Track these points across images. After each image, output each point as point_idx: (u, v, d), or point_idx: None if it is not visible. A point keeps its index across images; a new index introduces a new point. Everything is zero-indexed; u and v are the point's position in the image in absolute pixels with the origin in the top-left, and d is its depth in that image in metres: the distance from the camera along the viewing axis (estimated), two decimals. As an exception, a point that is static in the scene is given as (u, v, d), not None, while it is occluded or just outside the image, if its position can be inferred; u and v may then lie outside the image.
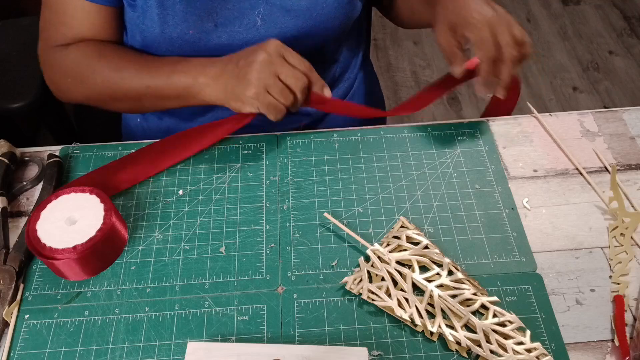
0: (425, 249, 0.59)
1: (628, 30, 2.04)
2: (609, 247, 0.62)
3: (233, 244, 0.62)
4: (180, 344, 0.55)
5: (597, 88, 1.87)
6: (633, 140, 0.71)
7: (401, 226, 0.62)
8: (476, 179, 0.67)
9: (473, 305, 0.55)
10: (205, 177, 0.68)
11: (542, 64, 1.95)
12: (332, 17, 0.70)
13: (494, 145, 0.71)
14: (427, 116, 1.84)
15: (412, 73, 1.99)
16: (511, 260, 0.60)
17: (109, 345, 0.55)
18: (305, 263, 0.60)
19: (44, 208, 0.59)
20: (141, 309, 0.57)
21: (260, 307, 0.57)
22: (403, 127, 0.73)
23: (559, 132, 0.72)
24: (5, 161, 0.66)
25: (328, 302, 0.58)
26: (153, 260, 0.61)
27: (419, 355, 0.54)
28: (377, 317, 0.56)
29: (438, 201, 0.65)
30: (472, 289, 0.56)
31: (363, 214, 0.64)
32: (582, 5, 2.14)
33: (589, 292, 0.58)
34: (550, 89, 1.87)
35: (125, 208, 0.65)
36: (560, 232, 0.63)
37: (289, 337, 0.55)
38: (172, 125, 0.80)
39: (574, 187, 0.67)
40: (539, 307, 0.57)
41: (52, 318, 0.57)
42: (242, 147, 0.70)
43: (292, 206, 0.65)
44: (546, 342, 0.55)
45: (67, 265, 0.57)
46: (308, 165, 0.69)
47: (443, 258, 0.58)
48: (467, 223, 0.63)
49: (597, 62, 1.95)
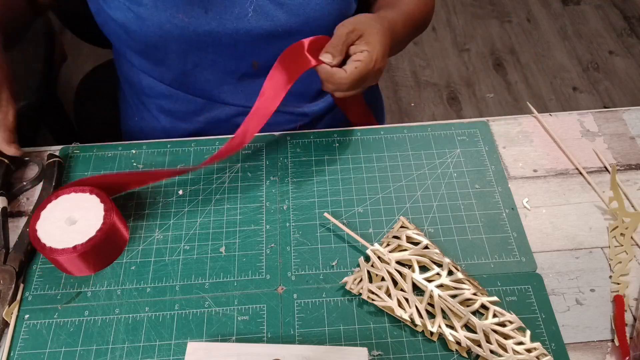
0: (425, 249, 0.59)
1: (628, 30, 2.04)
2: (609, 247, 0.62)
3: (233, 244, 0.62)
4: (180, 344, 0.55)
5: (597, 88, 1.87)
6: (633, 140, 0.71)
7: (401, 226, 0.62)
8: (476, 179, 0.67)
9: (473, 305, 0.55)
10: (205, 177, 0.67)
11: (542, 64, 1.95)
12: (325, 14, 0.70)
13: (494, 145, 0.71)
14: (427, 116, 1.84)
15: (411, 73, 1.99)
16: (511, 260, 0.60)
17: (109, 345, 0.55)
18: (305, 263, 0.60)
19: (44, 208, 0.59)
20: (141, 309, 0.57)
21: (260, 307, 0.57)
22: (403, 127, 0.73)
23: (559, 132, 0.72)
24: (5, 161, 0.66)
25: (328, 302, 0.58)
26: (153, 260, 0.61)
27: (419, 355, 0.54)
28: (377, 317, 0.56)
29: (438, 201, 0.65)
30: (472, 289, 0.56)
31: (363, 214, 0.64)
32: (582, 5, 2.14)
33: (589, 292, 0.58)
34: (550, 89, 1.87)
35: (126, 208, 0.65)
36: (560, 232, 0.63)
37: (289, 337, 0.55)
38: (167, 125, 0.80)
39: (574, 187, 0.67)
40: (539, 307, 0.57)
41: (52, 318, 0.57)
42: (242, 147, 0.70)
43: (292, 206, 0.65)
44: (546, 342, 0.55)
45: (70, 262, 0.57)
46: (308, 165, 0.69)
47: (443, 258, 0.58)
48: (467, 223, 0.63)
49: (597, 62, 1.95)
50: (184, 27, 0.67)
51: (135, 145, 0.70)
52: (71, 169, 0.68)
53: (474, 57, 1.99)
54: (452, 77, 1.96)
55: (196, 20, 0.67)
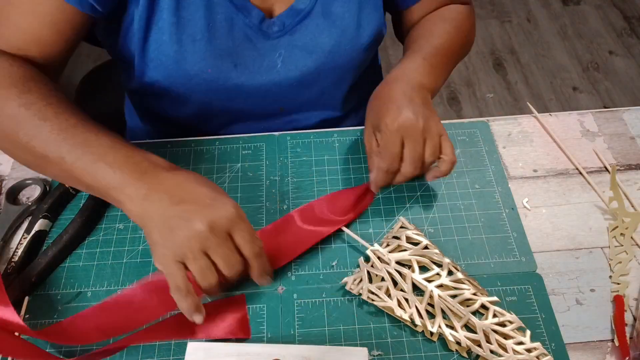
0: (425, 249, 0.59)
1: (628, 30, 2.04)
2: (609, 247, 0.62)
3: (233, 244, 0.62)
4: (180, 344, 0.55)
5: (597, 88, 1.87)
6: (633, 140, 0.71)
7: (401, 226, 0.62)
8: (476, 179, 0.67)
9: (473, 306, 0.55)
10: (205, 177, 0.67)
11: (542, 64, 1.95)
12: (355, 56, 0.69)
13: (494, 145, 0.71)
14: (427, 116, 1.84)
15: (412, 73, 1.99)
16: (511, 260, 0.60)
17: (109, 345, 0.55)
18: (305, 263, 0.60)
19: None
20: (141, 309, 0.57)
21: (260, 307, 0.57)
22: (403, 127, 0.72)
23: (559, 132, 0.72)
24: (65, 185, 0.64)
25: (328, 302, 0.58)
26: (153, 260, 0.61)
27: (419, 355, 0.54)
28: (377, 317, 0.56)
29: (438, 201, 0.65)
30: (472, 289, 0.56)
31: (363, 214, 0.64)
32: (582, 5, 2.14)
33: (589, 292, 0.58)
34: (550, 89, 1.87)
35: (125, 208, 0.65)
36: (560, 232, 0.63)
37: (289, 337, 0.55)
38: (171, 130, 0.79)
39: (574, 187, 0.67)
40: (539, 307, 0.57)
41: (52, 318, 0.57)
42: (242, 147, 0.70)
43: (292, 206, 0.65)
44: (546, 342, 0.55)
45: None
46: (308, 165, 0.69)
47: (443, 258, 0.58)
48: (467, 223, 0.63)
49: (597, 62, 1.95)
50: (212, 81, 0.66)
51: (135, 145, 0.70)
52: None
53: (474, 57, 1.98)
54: (452, 77, 1.96)
55: (225, 75, 0.66)
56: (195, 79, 0.65)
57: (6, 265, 0.58)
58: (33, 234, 0.61)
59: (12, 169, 0.68)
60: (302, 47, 0.67)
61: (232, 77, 0.66)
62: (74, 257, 0.61)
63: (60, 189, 0.64)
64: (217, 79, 0.66)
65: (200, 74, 0.65)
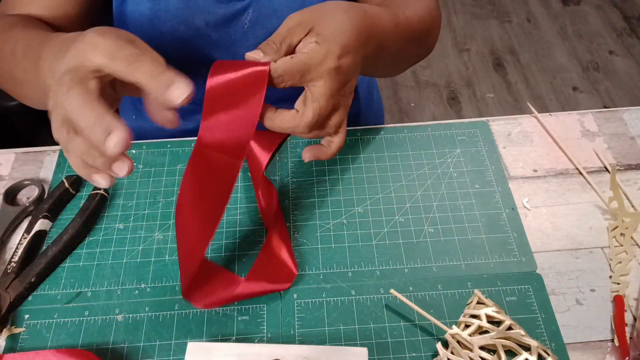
0: (508, 329, 0.53)
1: (628, 30, 2.04)
2: (609, 247, 0.62)
3: (233, 243, 0.62)
4: (180, 344, 0.55)
5: (597, 88, 1.87)
6: (633, 140, 0.71)
7: (478, 302, 0.56)
8: (476, 179, 0.67)
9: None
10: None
11: (542, 64, 1.95)
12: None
13: (494, 145, 0.71)
14: (427, 116, 1.84)
15: (412, 73, 1.99)
16: (511, 260, 0.60)
17: (108, 346, 0.55)
18: (305, 263, 0.60)
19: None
20: (141, 309, 0.57)
21: (260, 307, 0.57)
22: (403, 127, 0.73)
23: (559, 132, 0.72)
24: (65, 185, 0.64)
25: (328, 302, 0.58)
26: (153, 260, 0.61)
27: (419, 355, 0.54)
28: (377, 317, 0.56)
29: (438, 201, 0.65)
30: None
31: (363, 214, 0.64)
32: (582, 5, 2.14)
33: (589, 292, 0.58)
34: (550, 89, 1.87)
35: (126, 208, 0.65)
36: (560, 232, 0.63)
37: (289, 337, 0.55)
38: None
39: (574, 187, 0.67)
40: (539, 307, 0.57)
41: (52, 318, 0.57)
42: (242, 147, 0.70)
43: (292, 206, 0.65)
44: (546, 342, 0.55)
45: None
46: (308, 165, 0.69)
47: (531, 340, 0.52)
48: (467, 223, 0.63)
49: (597, 62, 1.95)
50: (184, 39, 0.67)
51: (135, 145, 0.70)
52: (71, 169, 0.68)
53: (474, 57, 1.99)
54: (452, 77, 1.96)
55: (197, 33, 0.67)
56: (167, 37, 0.66)
57: (6, 265, 0.59)
58: (33, 234, 0.61)
59: (12, 169, 0.68)
60: (269, 6, 0.68)
61: (203, 35, 0.68)
62: (74, 257, 0.61)
63: (60, 189, 0.64)
64: (189, 37, 0.67)
65: (173, 32, 0.66)
